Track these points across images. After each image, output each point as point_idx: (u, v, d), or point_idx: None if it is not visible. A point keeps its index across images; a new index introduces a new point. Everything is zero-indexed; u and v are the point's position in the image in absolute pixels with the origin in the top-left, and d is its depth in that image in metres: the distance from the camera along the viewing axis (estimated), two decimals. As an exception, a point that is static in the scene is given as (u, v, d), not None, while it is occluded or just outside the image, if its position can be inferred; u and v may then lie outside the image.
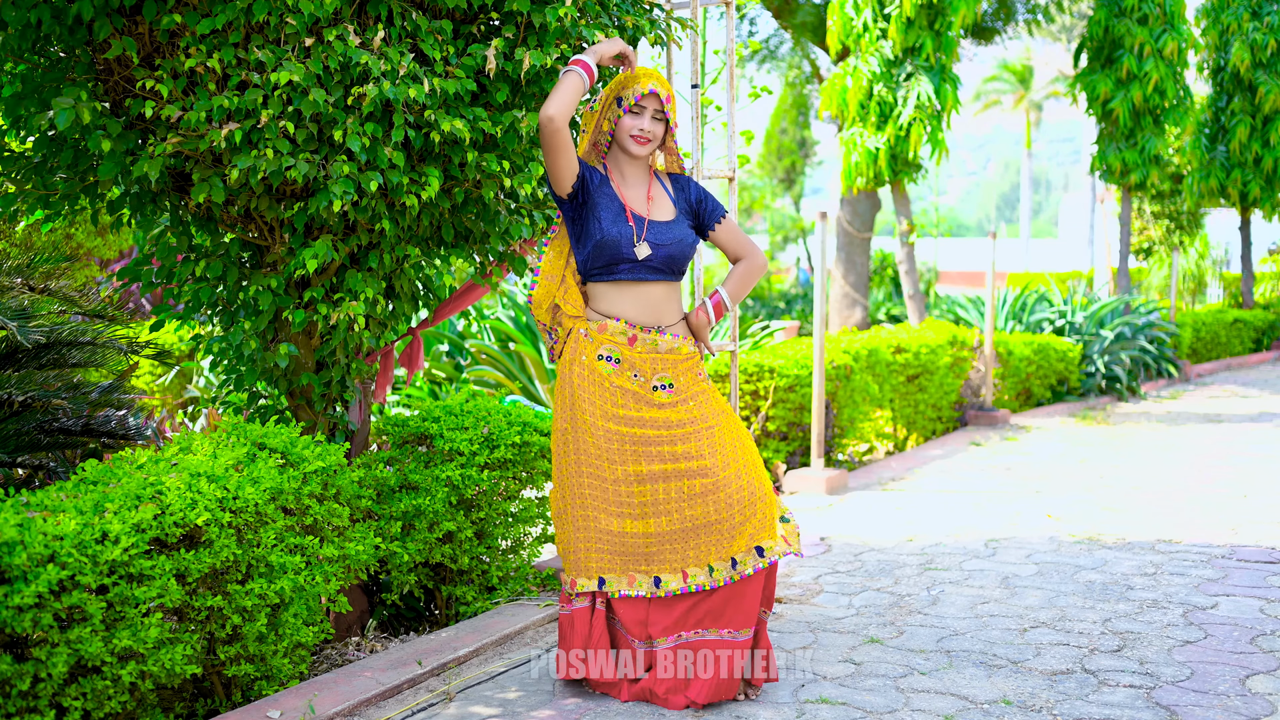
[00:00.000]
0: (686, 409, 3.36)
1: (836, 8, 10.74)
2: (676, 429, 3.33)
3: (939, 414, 8.82)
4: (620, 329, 3.36)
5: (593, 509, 3.35)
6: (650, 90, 3.34)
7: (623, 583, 3.34)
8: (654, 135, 3.38)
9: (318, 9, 3.16)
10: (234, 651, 3.09)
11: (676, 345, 3.39)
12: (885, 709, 3.28)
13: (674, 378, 3.38)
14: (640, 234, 3.34)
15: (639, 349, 3.36)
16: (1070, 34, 28.16)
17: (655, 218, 3.39)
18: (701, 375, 3.46)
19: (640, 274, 3.36)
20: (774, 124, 27.90)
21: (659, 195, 3.46)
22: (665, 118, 3.40)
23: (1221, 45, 15.39)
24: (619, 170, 3.44)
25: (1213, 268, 19.38)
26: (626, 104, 3.33)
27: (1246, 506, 6.14)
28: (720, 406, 3.43)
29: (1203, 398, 11.47)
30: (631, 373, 3.35)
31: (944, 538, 5.43)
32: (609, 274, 3.36)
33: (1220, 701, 3.33)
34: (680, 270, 3.42)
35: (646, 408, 3.34)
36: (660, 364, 3.37)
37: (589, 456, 3.34)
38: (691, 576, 3.28)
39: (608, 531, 3.34)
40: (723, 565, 3.27)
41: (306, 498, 3.32)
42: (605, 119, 3.40)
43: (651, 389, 3.36)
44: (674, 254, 3.37)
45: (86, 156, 3.49)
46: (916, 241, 13.88)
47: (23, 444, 4.39)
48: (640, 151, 3.38)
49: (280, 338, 3.76)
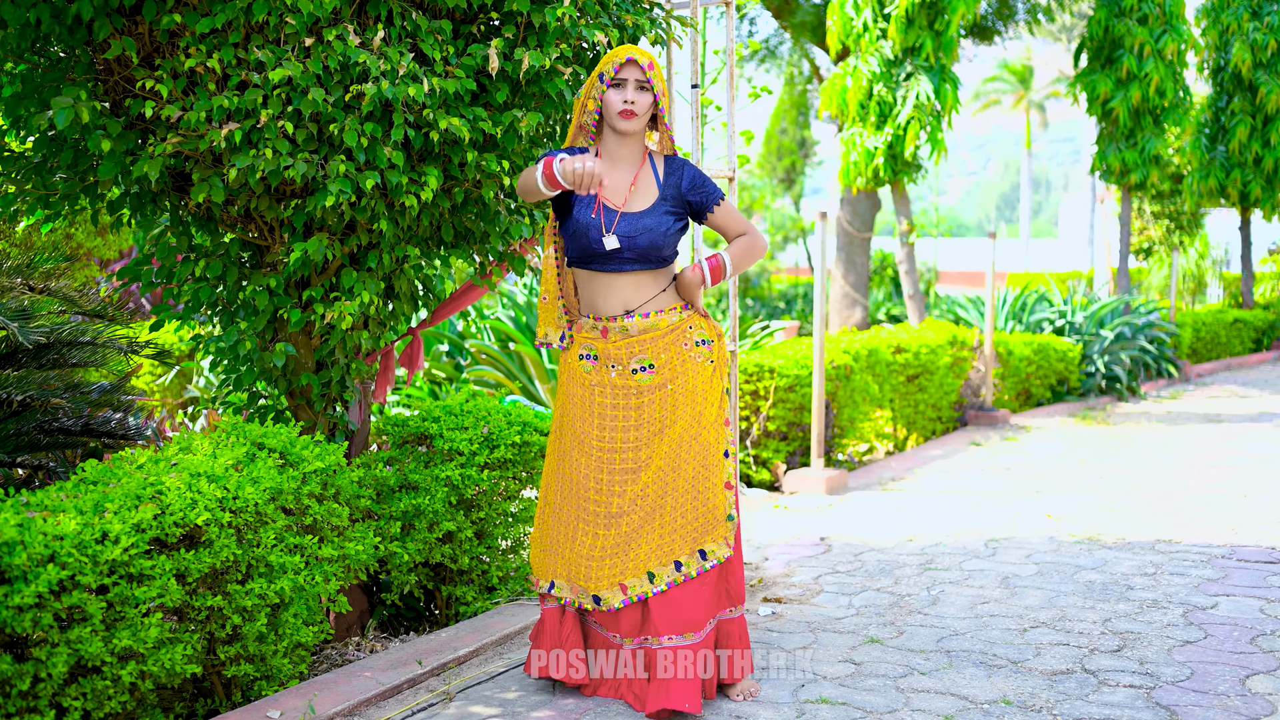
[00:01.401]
0: (665, 396, 3.29)
1: (836, 8, 10.74)
2: (646, 426, 3.29)
3: (939, 414, 8.82)
4: (591, 324, 3.35)
5: (560, 510, 3.38)
6: (628, 59, 3.25)
7: (565, 590, 3.34)
8: (639, 106, 3.26)
9: (317, 9, 3.16)
10: (234, 651, 3.09)
11: (650, 322, 3.30)
12: (885, 709, 3.28)
13: (653, 356, 3.30)
14: (610, 226, 3.26)
15: (612, 339, 3.32)
16: (1070, 34, 28.17)
17: (631, 208, 3.29)
18: (688, 344, 3.33)
19: (613, 265, 3.29)
20: (774, 124, 27.89)
21: (645, 181, 3.34)
22: (649, 86, 3.28)
23: (1222, 45, 15.39)
24: (608, 153, 3.35)
25: (1213, 268, 19.38)
26: (608, 77, 3.25)
27: (1246, 506, 6.14)
28: (694, 394, 3.31)
29: (1203, 398, 11.47)
30: (609, 365, 3.33)
31: (944, 538, 5.43)
32: (584, 264, 3.33)
33: (1220, 701, 3.33)
34: (660, 258, 3.30)
35: (625, 399, 3.31)
36: (636, 346, 3.30)
37: (566, 457, 3.38)
38: (631, 588, 3.24)
39: (567, 538, 3.35)
40: (665, 570, 3.24)
41: (306, 498, 3.32)
42: (590, 98, 3.32)
43: (631, 372, 3.31)
44: (648, 244, 3.26)
45: (86, 156, 3.49)
46: (916, 241, 13.88)
47: (23, 444, 4.39)
48: (628, 126, 3.27)
49: (279, 338, 3.76)
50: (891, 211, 20.46)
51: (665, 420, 3.29)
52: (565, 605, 3.36)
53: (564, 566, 3.35)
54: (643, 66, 3.26)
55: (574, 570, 3.32)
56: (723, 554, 3.26)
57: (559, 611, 3.39)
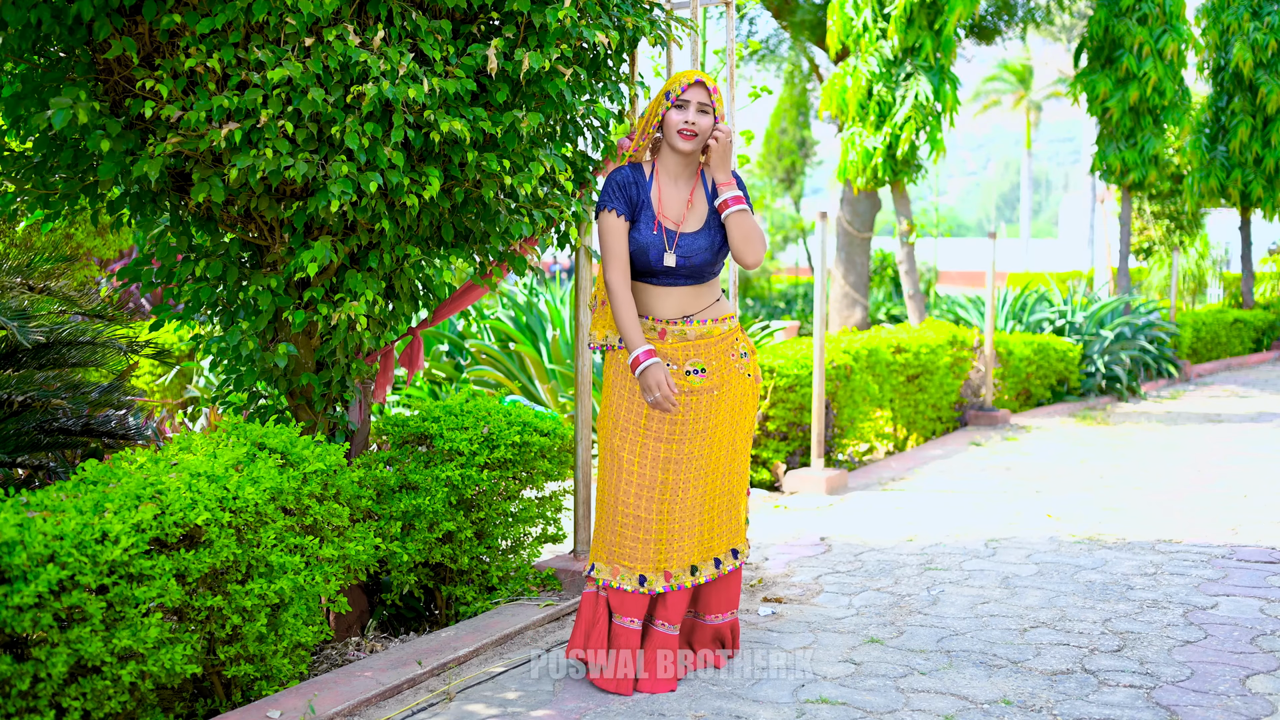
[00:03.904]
0: (712, 399, 3.49)
1: (836, 7, 10.74)
2: (691, 424, 3.48)
3: (939, 414, 8.82)
4: (649, 325, 3.53)
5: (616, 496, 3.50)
6: (696, 81, 3.46)
7: (607, 573, 3.48)
8: (699, 129, 3.45)
9: (317, 9, 3.16)
10: (234, 651, 3.09)
11: (706, 329, 3.53)
12: (885, 709, 3.28)
13: (705, 361, 3.52)
14: (670, 245, 3.47)
15: (670, 341, 3.52)
16: (1070, 34, 28.15)
17: (687, 228, 3.50)
18: (734, 355, 3.55)
19: (671, 280, 3.51)
20: (774, 124, 27.90)
21: (698, 198, 3.55)
22: (710, 109, 3.48)
23: (1222, 45, 15.38)
24: (666, 169, 3.54)
25: (1213, 268, 19.37)
26: (674, 95, 3.44)
27: (1246, 506, 6.14)
28: (735, 402, 3.54)
29: (1203, 398, 11.46)
30: (665, 363, 3.49)
31: (944, 538, 5.43)
32: (643, 278, 3.53)
33: (1220, 701, 3.33)
34: (711, 273, 3.55)
35: (676, 396, 3.45)
36: (691, 350, 3.52)
37: (616, 448, 3.50)
38: (675, 577, 3.48)
39: (623, 520, 3.48)
40: (705, 566, 3.54)
41: (306, 498, 3.32)
42: (655, 115, 3.51)
43: (685, 374, 3.50)
44: (702, 262, 3.49)
45: (86, 156, 3.49)
46: (916, 241, 13.87)
47: (23, 444, 4.39)
48: (685, 146, 3.46)
49: (280, 338, 3.76)
50: (891, 211, 20.46)
51: (710, 422, 3.50)
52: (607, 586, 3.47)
53: (602, 550, 3.51)
54: (709, 89, 3.47)
55: (615, 553, 3.48)
56: (747, 551, 3.66)
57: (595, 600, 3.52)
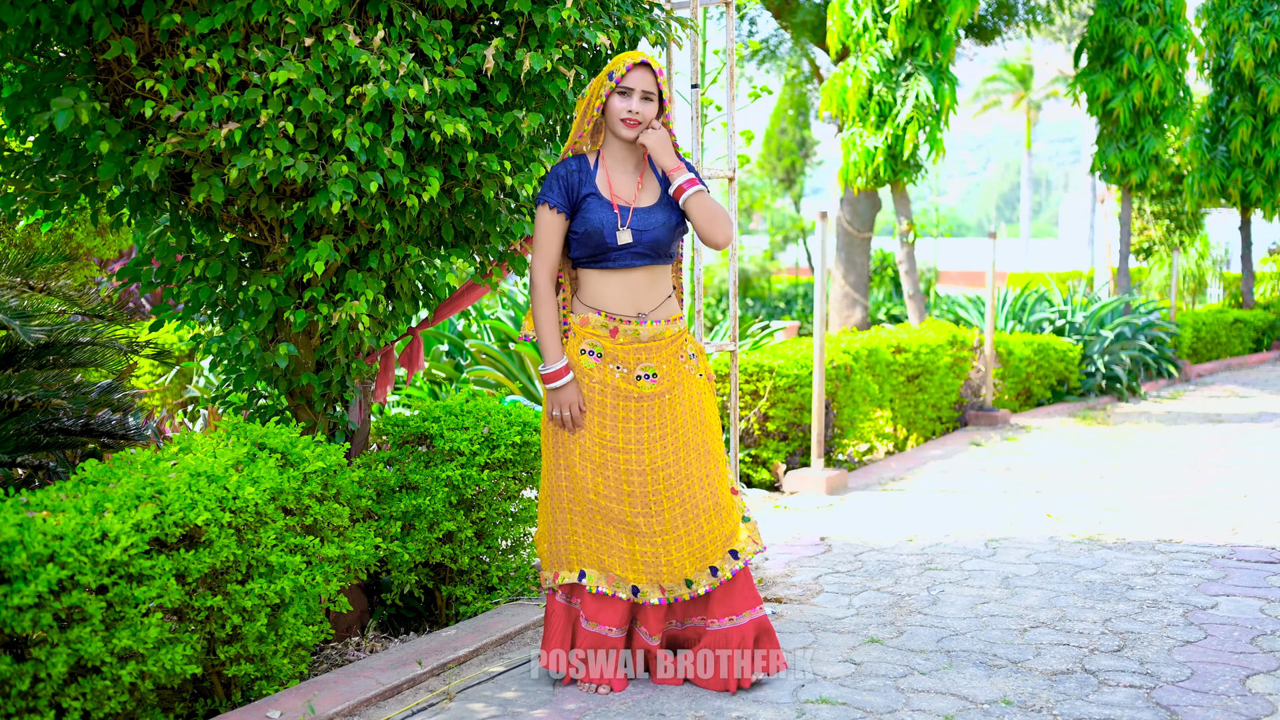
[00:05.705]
0: (664, 404, 3.37)
1: (836, 7, 10.74)
2: (646, 431, 3.35)
3: (939, 414, 8.81)
4: (601, 321, 3.40)
5: (572, 505, 3.40)
6: (641, 62, 3.32)
7: (600, 580, 3.39)
8: (643, 117, 3.35)
9: (317, 9, 3.16)
10: (234, 651, 3.09)
11: (659, 330, 3.41)
12: (885, 709, 3.28)
13: (657, 365, 3.40)
14: (624, 221, 3.36)
15: (621, 340, 3.39)
16: (1070, 34, 28.15)
17: (641, 204, 3.41)
18: (683, 357, 3.44)
19: (626, 260, 3.38)
20: (774, 124, 27.88)
21: (648, 179, 3.46)
22: (655, 96, 3.35)
23: (1222, 45, 15.37)
24: (612, 154, 3.43)
25: (1213, 268, 19.36)
26: (617, 75, 3.31)
27: (1246, 506, 6.14)
28: (692, 403, 3.42)
29: (1203, 398, 11.46)
30: (613, 366, 3.38)
31: (944, 538, 5.43)
32: (597, 262, 3.40)
33: (1220, 701, 3.33)
34: (666, 254, 3.44)
35: (625, 401, 3.36)
36: (644, 353, 3.39)
37: (565, 450, 3.39)
38: (670, 590, 3.37)
39: (587, 529, 3.38)
40: (702, 575, 3.36)
41: (306, 498, 3.32)
42: (596, 98, 3.37)
43: (636, 379, 3.38)
44: (657, 238, 3.38)
45: (86, 156, 3.49)
46: (916, 241, 13.87)
47: (23, 444, 4.39)
48: (630, 135, 3.37)
49: (280, 338, 3.76)
50: (891, 211, 20.45)
51: (666, 426, 3.38)
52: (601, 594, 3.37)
53: (592, 556, 3.39)
54: (655, 72, 3.34)
55: (606, 562, 3.37)
56: (752, 551, 3.41)
57: (566, 610, 3.44)
